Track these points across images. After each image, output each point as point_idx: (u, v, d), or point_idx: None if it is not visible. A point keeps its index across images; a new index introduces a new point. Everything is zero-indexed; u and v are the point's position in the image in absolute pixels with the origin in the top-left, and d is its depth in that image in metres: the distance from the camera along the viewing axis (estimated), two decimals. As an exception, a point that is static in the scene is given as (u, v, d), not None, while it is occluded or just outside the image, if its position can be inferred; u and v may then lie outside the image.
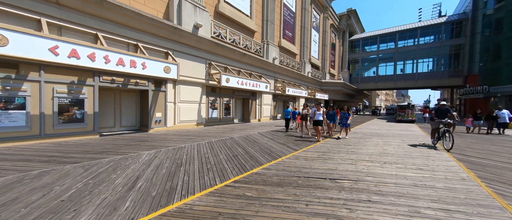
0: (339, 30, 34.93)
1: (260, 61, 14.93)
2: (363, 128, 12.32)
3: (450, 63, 30.62)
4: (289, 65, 19.71)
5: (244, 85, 12.60)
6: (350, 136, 8.86)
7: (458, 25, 29.78)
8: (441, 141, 6.36)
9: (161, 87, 8.92)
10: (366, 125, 14.86)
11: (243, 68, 13.66)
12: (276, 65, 16.81)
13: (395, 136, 9.10)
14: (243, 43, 13.65)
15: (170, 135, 7.73)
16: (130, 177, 3.10)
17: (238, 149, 5.42)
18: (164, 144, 5.81)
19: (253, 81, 13.47)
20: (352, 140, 7.68)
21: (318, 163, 4.30)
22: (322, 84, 27.53)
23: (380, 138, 8.28)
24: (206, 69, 11.02)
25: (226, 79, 10.96)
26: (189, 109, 10.22)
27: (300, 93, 20.13)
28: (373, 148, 6.12)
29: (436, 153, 5.65)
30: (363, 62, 37.97)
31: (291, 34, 20.53)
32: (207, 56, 10.98)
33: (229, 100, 13.26)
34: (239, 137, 7.52)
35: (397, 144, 7.02)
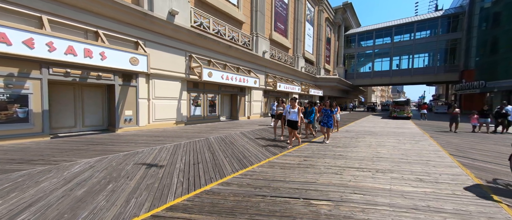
0: (335, 25, 33.99)
1: (249, 54, 13.97)
2: (357, 125, 11.59)
3: (446, 58, 30.15)
4: (281, 60, 18.78)
5: (230, 80, 11.66)
6: (341, 135, 8.07)
7: (454, 19, 29.20)
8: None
9: (131, 81, 7.93)
10: (360, 122, 14.15)
11: (229, 62, 12.69)
12: (267, 60, 15.87)
13: (390, 134, 8.36)
14: (229, 34, 12.64)
15: (139, 135, 6.80)
16: (21, 203, 2.20)
17: (206, 154, 4.55)
18: (121, 148, 4.89)
19: (241, 76, 12.53)
20: (342, 140, 6.88)
21: (295, 173, 3.47)
22: (317, 80, 26.74)
23: (374, 137, 7.51)
24: (186, 62, 10.03)
25: (208, 73, 10.00)
26: (166, 106, 9.26)
27: (293, 89, 19.29)
28: (365, 150, 5.33)
29: (436, 156, 4.89)
30: (358, 57, 37.27)
31: (284, 27, 19.53)
32: (187, 48, 9.98)
33: (214, 97, 12.32)
34: (216, 138, 6.65)
35: (392, 144, 6.25)
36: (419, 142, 6.69)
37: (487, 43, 22.65)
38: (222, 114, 13.88)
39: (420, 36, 31.83)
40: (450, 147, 5.86)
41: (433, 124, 12.96)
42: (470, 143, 6.60)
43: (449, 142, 6.73)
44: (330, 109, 6.26)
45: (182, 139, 6.37)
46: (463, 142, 6.70)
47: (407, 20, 32.69)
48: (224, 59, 12.35)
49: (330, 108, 6.28)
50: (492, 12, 22.01)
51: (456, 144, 6.42)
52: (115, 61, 6.45)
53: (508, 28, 19.74)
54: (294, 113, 5.45)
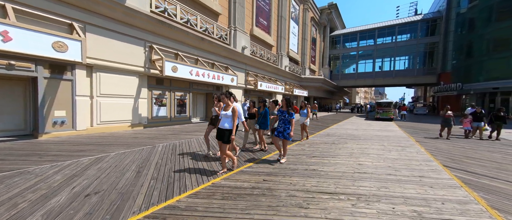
0: (320, 25, 33.77)
1: (226, 49, 12.68)
2: (339, 128, 10.78)
3: (425, 61, 31.09)
4: (263, 57, 17.71)
5: (202, 77, 10.31)
6: (320, 140, 7.09)
7: (433, 23, 30.18)
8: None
9: (64, 74, 6.31)
10: (343, 124, 13.46)
11: (202, 57, 11.32)
12: (247, 56, 14.69)
13: (373, 138, 7.55)
14: (202, 26, 11.28)
15: (68, 143, 5.25)
16: None
17: (126, 175, 3.22)
18: (9, 165, 3.41)
19: (216, 73, 11.21)
20: (321, 147, 5.87)
21: (241, 205, 2.30)
22: (302, 80, 26.10)
23: (356, 143, 6.62)
24: (146, 54, 8.52)
25: (173, 67, 8.58)
26: (117, 106, 7.70)
27: (276, 88, 18.31)
28: (345, 162, 4.32)
29: (429, 168, 3.99)
30: (343, 58, 37.47)
31: (266, 23, 18.50)
32: (147, 37, 8.48)
33: (184, 95, 10.87)
34: (167, 146, 5.31)
35: (376, 152, 5.35)
36: (406, 148, 5.87)
37: (462, 47, 23.41)
38: (194, 114, 12.45)
39: (401, 39, 32.59)
40: (442, 155, 5.06)
41: (415, 126, 12.59)
42: (461, 150, 5.90)
43: (438, 148, 5.99)
44: (286, 111, 4.18)
45: (121, 147, 4.95)
46: (453, 149, 5.99)
47: (389, 23, 33.34)
48: (196, 53, 10.96)
49: (286, 110, 4.18)
50: (468, 18, 22.78)
51: (447, 151, 5.67)
52: (29, 46, 4.86)
53: (482, 33, 20.43)
54: (226, 117, 3.35)
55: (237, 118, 3.35)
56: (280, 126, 4.22)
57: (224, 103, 3.47)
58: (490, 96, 19.43)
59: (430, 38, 30.20)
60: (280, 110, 4.34)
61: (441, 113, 7.94)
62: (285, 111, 4.22)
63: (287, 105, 4.20)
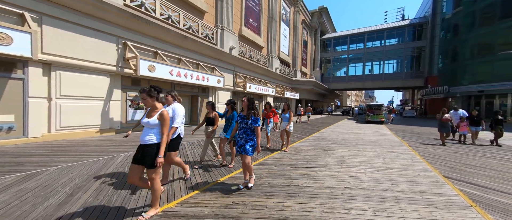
0: (311, 28, 33.88)
1: (212, 49, 12.02)
2: (330, 132, 10.33)
3: (413, 65, 31.78)
4: (253, 59, 17.18)
5: (185, 77, 9.58)
6: (309, 146, 6.55)
7: (419, 28, 30.99)
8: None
9: (13, 72, 5.41)
10: (334, 127, 13.08)
11: (186, 56, 10.59)
12: (235, 57, 14.08)
13: (365, 143, 7.10)
14: (186, 23, 10.58)
15: (10, 155, 4.36)
16: None
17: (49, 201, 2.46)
18: None
19: (200, 73, 10.51)
20: (309, 154, 5.30)
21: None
22: (293, 82, 25.78)
23: (348, 148, 6.11)
24: (119, 51, 7.71)
25: (149, 67, 7.81)
26: (83, 109, 6.81)
27: (266, 91, 17.78)
28: (335, 173, 3.76)
29: (429, 180, 3.50)
30: (334, 62, 37.74)
31: (256, 24, 18.04)
32: (120, 33, 7.67)
33: (163, 98, 10.05)
34: (127, 157, 4.55)
35: (369, 159, 4.84)
36: (400, 155, 5.41)
37: (448, 51, 24.00)
38: (178, 118, 11.60)
39: (390, 43, 33.23)
40: (439, 164, 4.61)
41: (406, 129, 12.39)
42: (457, 156, 5.52)
43: (433, 155, 5.58)
44: (247, 115, 2.96)
45: (70, 159, 4.13)
46: (449, 155, 5.60)
47: (378, 27, 33.97)
48: (179, 53, 10.22)
49: (248, 114, 2.96)
50: (452, 23, 23.42)
51: (443, 158, 5.26)
52: (-44, 36, 4.00)
53: (466, 38, 20.98)
54: (148, 127, 2.18)
55: (167, 128, 2.14)
56: (241, 136, 2.98)
57: (146, 105, 2.20)
58: (475, 99, 19.85)
59: (417, 42, 30.96)
60: (240, 114, 3.08)
61: (437, 116, 7.28)
62: (246, 115, 2.96)
63: (249, 108, 2.98)
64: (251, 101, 3.03)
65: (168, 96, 3.09)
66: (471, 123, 7.13)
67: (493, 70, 18.14)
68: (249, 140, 2.94)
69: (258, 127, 2.96)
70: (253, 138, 2.96)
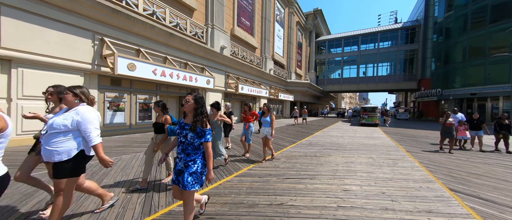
0: (306, 30, 33.80)
1: (202, 48, 11.47)
2: (324, 135, 9.90)
3: (406, 67, 32.05)
4: (246, 59, 16.70)
5: (170, 77, 8.98)
6: (300, 151, 6.07)
7: (412, 31, 31.34)
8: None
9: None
10: (328, 130, 12.69)
11: (172, 55, 10.00)
12: (226, 57, 13.56)
13: (360, 148, 6.69)
14: (172, 20, 10.01)
15: None
16: None
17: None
18: None
19: (187, 73, 9.93)
20: (299, 161, 4.82)
21: None
22: (288, 84, 25.42)
23: (342, 154, 5.67)
24: (96, 48, 7.06)
25: (129, 65, 7.19)
26: (51, 110, 6.12)
27: (260, 92, 17.31)
28: (327, 186, 3.27)
29: (434, 195, 3.06)
30: (329, 64, 37.75)
31: (249, 24, 17.62)
32: (96, 27, 7.03)
33: (149, 99, 9.41)
34: (89, 167, 3.92)
35: (365, 168, 4.40)
36: (398, 162, 4.98)
37: (440, 54, 24.23)
38: (164, 120, 10.95)
39: (383, 46, 33.48)
40: (441, 172, 4.20)
41: (400, 132, 12.12)
42: (458, 163, 5.14)
43: (433, 161, 5.18)
44: (192, 124, 1.84)
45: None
46: (449, 162, 5.21)
47: (372, 30, 34.20)
48: (165, 51, 9.63)
49: (194, 123, 1.83)
50: (444, 26, 23.67)
51: (444, 165, 4.86)
52: None
53: (458, 41, 21.19)
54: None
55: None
56: (179, 156, 1.88)
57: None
58: (467, 102, 19.96)
59: (409, 45, 31.27)
60: (179, 121, 1.97)
61: (440, 120, 6.51)
62: (190, 124, 1.86)
63: (197, 112, 1.85)
64: (199, 103, 1.86)
65: (69, 94, 1.90)
66: (472, 127, 6.62)
67: (484, 73, 18.28)
68: (189, 164, 1.79)
69: (208, 143, 1.84)
70: (196, 159, 1.82)
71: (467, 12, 20.06)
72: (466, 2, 20.27)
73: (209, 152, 1.85)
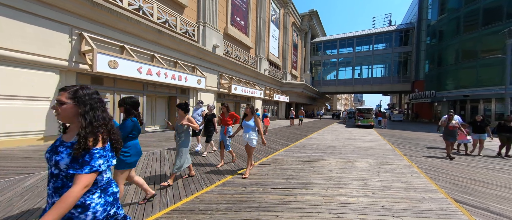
0: (301, 31, 33.69)
1: (193, 47, 11.01)
2: (318, 138, 9.58)
3: (400, 69, 32.29)
4: (240, 59, 16.31)
5: (157, 76, 8.50)
6: (293, 155, 5.71)
7: (406, 34, 31.64)
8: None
9: None
10: (323, 131, 12.40)
11: (161, 53, 9.51)
12: (220, 56, 13.13)
13: (355, 151, 6.37)
14: (161, 16, 9.54)
15: None
16: None
17: None
18: None
19: (176, 73, 9.45)
20: (291, 167, 4.46)
21: None
22: (283, 85, 25.15)
23: (336, 158, 5.32)
24: (73, 44, 6.53)
25: (111, 62, 6.69)
26: (22, 111, 5.56)
27: (254, 93, 16.92)
28: (320, 197, 2.93)
29: (440, 209, 2.74)
30: (324, 65, 37.76)
31: (244, 23, 17.25)
32: (75, 22, 6.52)
33: (134, 99, 8.88)
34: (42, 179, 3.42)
35: (361, 175, 4.07)
36: (396, 167, 4.66)
37: (434, 56, 24.43)
38: (152, 122, 10.43)
39: (378, 48, 33.68)
40: (443, 179, 3.90)
41: (396, 134, 11.93)
42: (458, 168, 4.88)
43: (433, 166, 4.89)
44: (77, 146, 0.95)
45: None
46: (449, 167, 4.93)
47: (367, 32, 34.40)
48: (152, 49, 9.13)
49: (78, 146, 0.95)
50: (437, 29, 23.89)
51: (444, 171, 4.57)
52: None
53: (451, 44, 21.37)
54: None
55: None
56: (50, 193, 1.01)
57: None
58: (460, 104, 20.09)
59: (403, 47, 31.54)
60: (58, 141, 1.05)
61: (441, 122, 5.94)
62: (70, 142, 1.01)
63: (86, 124, 0.99)
64: (83, 101, 1.04)
65: None
66: (475, 130, 6.14)
67: (477, 76, 18.43)
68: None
69: (84, 178, 0.93)
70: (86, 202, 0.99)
71: (460, 15, 20.26)
72: (459, 6, 20.49)
73: (120, 186, 1.06)
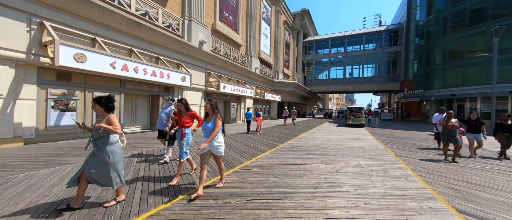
0: (294, 30, 33.48)
1: (178, 42, 10.34)
2: (308, 138, 9.20)
3: (389, 69, 32.76)
4: (229, 57, 15.71)
5: (135, 72, 7.80)
6: (280, 157, 5.26)
7: (395, 34, 32.11)
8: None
9: None
10: (314, 131, 12.07)
11: (140, 48, 8.80)
12: (207, 53, 12.50)
13: (346, 152, 6.02)
14: (140, 8, 8.81)
15: None
16: None
17: None
18: None
19: (157, 69, 8.77)
20: (275, 172, 4.01)
21: None
22: (274, 84, 24.75)
23: (326, 160, 4.92)
24: (32, 34, 5.75)
25: (77, 55, 5.96)
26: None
27: (244, 92, 16.38)
28: (304, 209, 2.54)
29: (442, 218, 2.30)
30: (316, 65, 37.76)
31: (233, 19, 16.67)
32: (34, 9, 5.74)
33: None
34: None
35: (352, 180, 3.69)
36: (389, 170, 4.30)
37: (422, 56, 24.85)
38: (132, 122, 9.68)
39: (368, 48, 34.02)
40: (439, 184, 3.55)
41: (387, 133, 11.79)
42: (453, 169, 4.58)
43: (427, 169, 4.58)
44: None
45: None
46: (445, 169, 4.63)
47: (358, 32, 34.67)
48: (130, 43, 8.41)
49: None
50: (425, 29, 24.30)
51: (440, 173, 4.27)
52: None
53: (438, 43, 21.76)
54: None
55: None
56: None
57: None
58: (447, 103, 20.47)
59: (393, 47, 32.01)
60: None
61: (440, 122, 5.32)
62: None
63: None
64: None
65: None
66: (470, 129, 5.63)
67: (463, 75, 18.81)
68: None
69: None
70: None
71: (447, 15, 20.62)
72: (446, 7, 20.86)
73: None
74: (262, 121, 11.36)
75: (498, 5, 16.81)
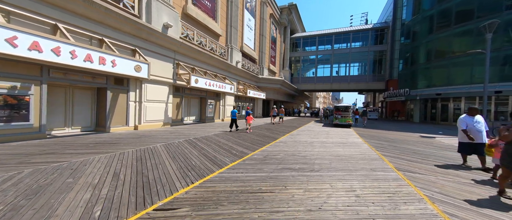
0: (281, 25, 32.07)
1: (131, 23, 8.29)
2: (289, 142, 7.73)
3: (375, 68, 32.63)
4: (205, 47, 13.81)
5: (55, 55, 5.75)
6: (250, 170, 3.72)
7: (381, 32, 31.94)
8: None
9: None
10: (297, 132, 10.68)
11: (71, 24, 6.69)
12: (175, 40, 10.53)
13: (334, 164, 4.60)
14: (71, -29, 6.67)
15: None
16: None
17: None
18: None
19: (95, 53, 6.73)
20: (220, 213, 2.33)
21: None
22: (259, 80, 23.18)
23: (305, 182, 3.47)
24: None
25: None
26: None
27: (222, 87, 14.57)
28: None
29: None
30: (304, 62, 36.79)
31: (210, 5, 14.73)
32: None
33: (19, 89, 5.96)
34: None
35: (344, 207, 2.12)
36: (395, 197, 2.90)
37: (407, 55, 24.63)
38: (67, 122, 7.52)
39: (355, 46, 33.62)
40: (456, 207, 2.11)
41: (376, 135, 10.72)
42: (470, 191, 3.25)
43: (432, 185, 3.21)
44: None
45: None
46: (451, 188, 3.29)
47: (345, 29, 34.13)
48: (55, 16, 6.29)
49: None
50: (411, 28, 24.04)
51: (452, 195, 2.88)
52: None
53: (423, 43, 21.48)
54: None
55: None
56: None
57: None
58: (431, 102, 20.27)
59: (379, 46, 31.84)
60: None
61: (501, 132, 3.17)
62: None
63: None
64: None
65: None
66: None
67: (448, 75, 18.57)
68: None
69: None
70: None
71: (432, 14, 20.32)
72: (431, 5, 20.55)
73: None
74: (252, 119, 10.30)
75: (483, 4, 16.58)
